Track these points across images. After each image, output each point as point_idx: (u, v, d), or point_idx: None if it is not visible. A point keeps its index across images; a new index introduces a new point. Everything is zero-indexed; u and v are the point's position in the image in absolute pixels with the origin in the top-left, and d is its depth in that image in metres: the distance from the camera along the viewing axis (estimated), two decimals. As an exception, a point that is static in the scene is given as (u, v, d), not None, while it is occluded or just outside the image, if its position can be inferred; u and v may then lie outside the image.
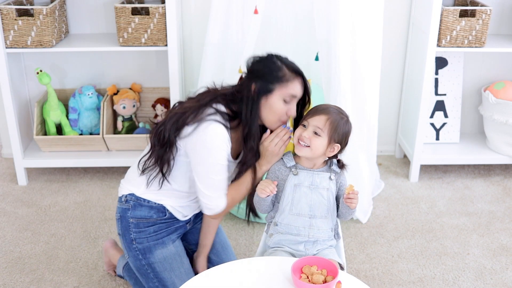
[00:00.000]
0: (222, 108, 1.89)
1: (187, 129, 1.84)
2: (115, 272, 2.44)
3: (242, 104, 1.88)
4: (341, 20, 2.56)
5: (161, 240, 2.03)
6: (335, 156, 1.91)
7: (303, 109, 1.99)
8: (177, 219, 2.07)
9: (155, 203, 2.00)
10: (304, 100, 1.97)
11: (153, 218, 2.01)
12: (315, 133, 1.82)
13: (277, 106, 1.87)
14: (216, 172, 1.88)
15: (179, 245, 2.09)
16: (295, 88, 1.88)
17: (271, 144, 1.90)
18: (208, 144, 1.83)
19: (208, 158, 1.84)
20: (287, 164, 1.88)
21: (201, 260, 2.17)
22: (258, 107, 1.87)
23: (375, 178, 3.11)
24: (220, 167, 1.88)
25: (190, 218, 2.13)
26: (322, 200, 1.85)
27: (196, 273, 2.14)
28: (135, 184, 2.01)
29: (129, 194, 2.02)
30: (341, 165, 1.92)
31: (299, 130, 1.85)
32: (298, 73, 1.90)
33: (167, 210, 2.02)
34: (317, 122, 1.82)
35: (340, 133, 1.84)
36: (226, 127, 1.86)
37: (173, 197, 2.02)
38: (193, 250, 2.21)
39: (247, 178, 1.94)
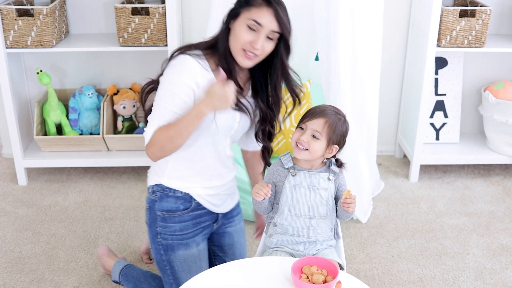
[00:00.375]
0: (199, 49, 1.85)
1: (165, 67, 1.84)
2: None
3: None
4: (341, 20, 2.56)
5: (185, 241, 1.98)
6: (334, 155, 1.91)
7: (286, 55, 1.87)
8: (205, 214, 2.01)
9: (182, 192, 1.96)
10: (286, 43, 1.84)
11: (179, 211, 1.96)
12: (314, 136, 1.82)
13: (239, 31, 1.77)
14: (163, 97, 1.78)
15: (202, 248, 2.04)
16: (260, 16, 1.76)
17: (224, 85, 1.72)
18: (169, 71, 1.79)
19: (163, 82, 1.79)
20: (285, 165, 1.88)
21: None
22: (227, 31, 1.81)
23: (375, 178, 3.11)
24: (169, 95, 1.77)
25: (219, 216, 2.07)
26: (321, 201, 1.85)
27: None
28: (158, 171, 1.97)
29: (156, 185, 1.97)
30: (339, 164, 1.92)
31: (297, 133, 1.85)
32: (269, 2, 1.78)
33: (194, 200, 1.97)
34: (315, 125, 1.81)
35: (339, 134, 1.84)
36: (197, 56, 1.80)
37: (196, 177, 1.95)
38: (215, 253, 2.17)
39: (181, 119, 1.77)
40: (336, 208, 1.92)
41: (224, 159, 1.98)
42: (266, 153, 2.06)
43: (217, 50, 1.84)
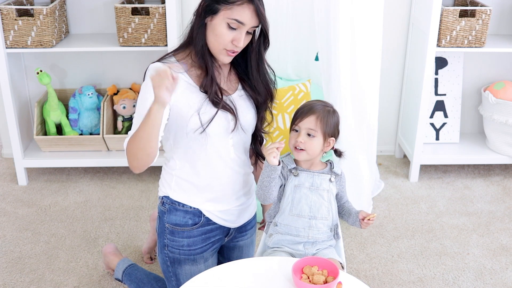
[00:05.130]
0: (170, 54, 1.82)
1: None
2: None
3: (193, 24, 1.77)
4: (341, 20, 2.56)
5: (193, 257, 1.90)
6: (332, 147, 1.91)
7: (264, 46, 1.82)
8: (216, 229, 1.92)
9: (191, 207, 1.87)
10: (265, 36, 1.80)
11: (188, 226, 1.87)
12: (309, 134, 1.82)
13: (219, 30, 1.71)
14: (137, 108, 1.75)
15: (211, 263, 1.97)
16: (242, 14, 1.70)
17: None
18: (142, 84, 1.77)
19: (138, 97, 1.77)
20: (288, 166, 1.88)
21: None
22: (203, 26, 1.74)
23: (375, 178, 3.11)
24: (141, 102, 1.73)
25: (231, 230, 1.98)
26: (323, 202, 1.85)
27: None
28: (165, 183, 1.91)
29: (165, 197, 1.90)
30: (338, 153, 1.93)
31: (292, 137, 1.84)
32: None
33: (204, 215, 1.88)
34: (308, 124, 1.81)
35: (332, 126, 1.84)
36: (167, 60, 1.78)
37: (204, 192, 1.87)
38: (221, 263, 2.05)
39: (140, 125, 1.66)
40: (339, 210, 1.93)
41: (229, 162, 1.87)
42: (259, 159, 2.01)
43: (191, 47, 1.80)
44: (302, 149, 1.81)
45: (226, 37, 1.72)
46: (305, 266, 1.66)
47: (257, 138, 1.96)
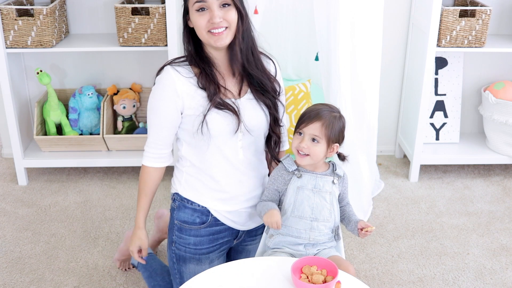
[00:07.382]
0: (183, 57, 1.88)
1: None
2: (121, 264, 2.47)
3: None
4: (341, 20, 2.56)
5: (198, 256, 1.93)
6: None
7: (242, 22, 1.81)
8: (225, 230, 1.94)
9: (199, 205, 1.90)
10: (240, 13, 1.80)
11: (196, 224, 1.90)
12: (313, 139, 1.81)
13: (195, 20, 1.77)
14: (148, 115, 1.86)
15: (216, 265, 1.93)
16: None
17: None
18: (153, 87, 1.84)
19: (148, 100, 1.85)
20: (289, 169, 1.87)
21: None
22: (188, 30, 1.83)
23: (375, 178, 3.11)
24: (151, 111, 1.83)
25: (241, 233, 1.99)
26: (325, 204, 1.85)
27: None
28: (176, 180, 1.95)
29: (175, 193, 1.95)
30: (342, 157, 1.92)
31: (296, 140, 1.84)
32: None
33: (211, 215, 1.90)
34: (313, 130, 1.80)
35: (337, 132, 1.83)
36: (178, 64, 1.83)
37: (211, 190, 1.88)
38: None
39: (140, 197, 1.96)
40: (341, 213, 1.93)
41: (237, 164, 1.88)
42: (274, 161, 2.00)
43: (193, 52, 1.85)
44: (305, 154, 1.81)
45: (202, 21, 1.77)
46: (304, 266, 1.66)
47: (270, 139, 1.96)
